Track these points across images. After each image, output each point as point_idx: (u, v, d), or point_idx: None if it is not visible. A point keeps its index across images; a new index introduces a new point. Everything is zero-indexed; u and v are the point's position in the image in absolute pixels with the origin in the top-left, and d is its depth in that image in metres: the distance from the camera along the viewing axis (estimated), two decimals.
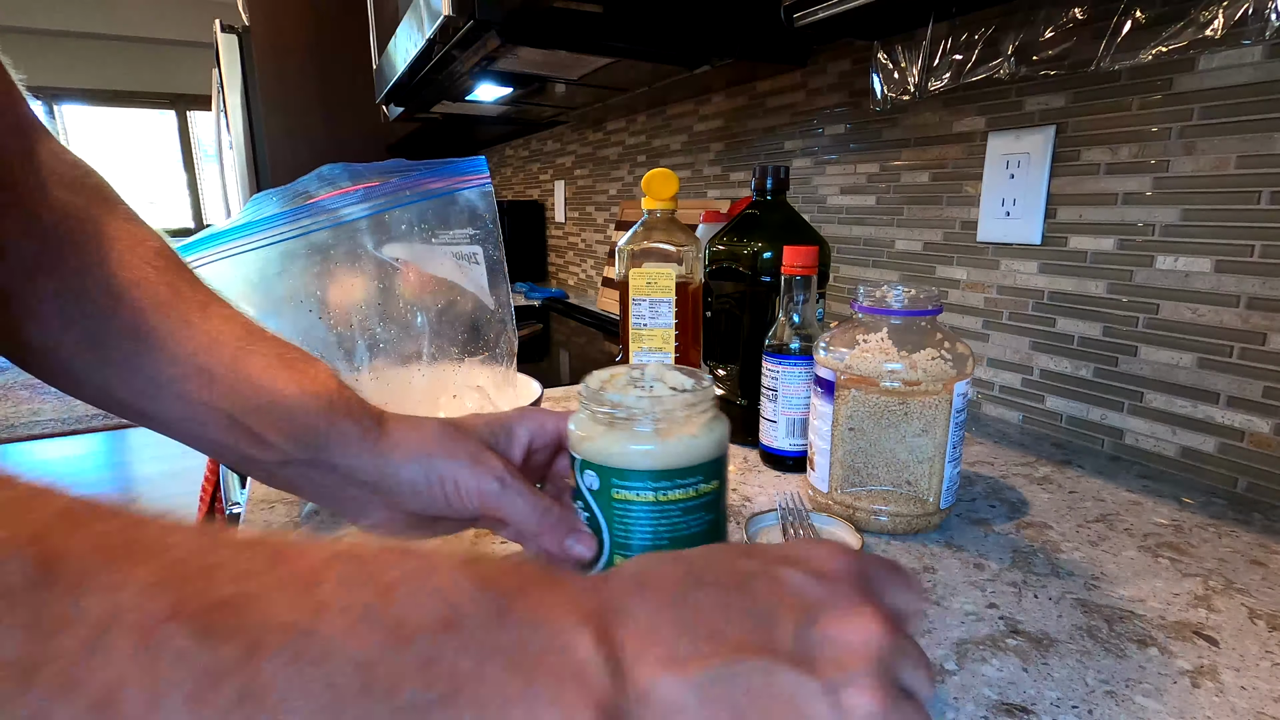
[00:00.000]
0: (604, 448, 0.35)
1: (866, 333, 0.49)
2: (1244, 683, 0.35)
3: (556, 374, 1.05)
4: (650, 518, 0.35)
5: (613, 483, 0.35)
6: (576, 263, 1.91)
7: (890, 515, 0.50)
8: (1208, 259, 0.59)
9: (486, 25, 0.81)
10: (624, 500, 0.35)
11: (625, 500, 0.35)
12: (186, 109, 5.34)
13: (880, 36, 0.79)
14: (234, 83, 2.10)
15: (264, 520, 0.53)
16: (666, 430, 0.35)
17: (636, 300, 0.74)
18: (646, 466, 0.34)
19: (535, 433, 0.40)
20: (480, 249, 0.60)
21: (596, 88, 1.20)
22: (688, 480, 0.35)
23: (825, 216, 0.99)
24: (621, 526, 0.35)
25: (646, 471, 0.34)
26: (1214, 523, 0.53)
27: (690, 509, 0.35)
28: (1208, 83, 0.57)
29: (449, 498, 0.36)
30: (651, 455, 0.34)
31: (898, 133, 0.86)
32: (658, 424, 0.34)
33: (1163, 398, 0.63)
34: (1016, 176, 0.72)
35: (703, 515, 0.35)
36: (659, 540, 0.35)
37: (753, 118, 1.12)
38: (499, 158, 2.47)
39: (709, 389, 0.37)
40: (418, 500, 0.36)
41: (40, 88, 4.68)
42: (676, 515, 0.35)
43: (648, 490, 0.34)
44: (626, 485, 0.34)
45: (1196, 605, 0.42)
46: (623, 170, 1.59)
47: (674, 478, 0.34)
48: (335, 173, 0.56)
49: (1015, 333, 0.75)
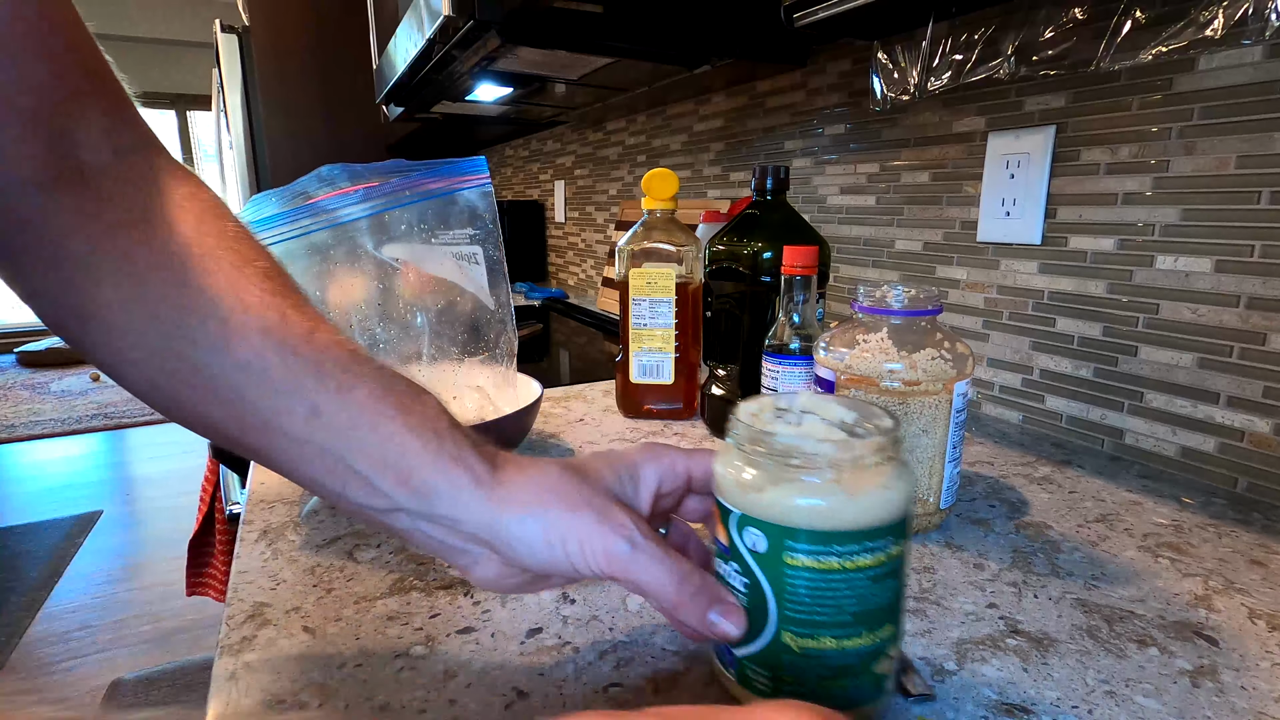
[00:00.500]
0: (776, 502, 0.29)
1: (866, 333, 0.49)
2: (1244, 683, 0.35)
3: (556, 374, 1.05)
4: (833, 588, 0.29)
5: (786, 545, 0.29)
6: (576, 263, 1.91)
7: None
8: (1208, 259, 0.59)
9: (486, 25, 0.81)
10: (800, 567, 0.29)
11: (802, 567, 0.29)
12: (186, 109, 5.34)
13: (880, 36, 0.79)
14: (234, 83, 2.10)
15: (264, 520, 0.53)
16: (854, 481, 0.29)
17: (636, 300, 0.75)
18: (832, 527, 0.28)
19: (664, 476, 0.35)
20: (480, 249, 0.60)
21: (596, 88, 1.20)
22: (878, 543, 0.29)
23: (825, 216, 0.99)
24: (794, 598, 0.29)
25: (832, 533, 0.28)
26: (1214, 523, 0.53)
27: (880, 576, 0.29)
28: (1208, 83, 0.57)
29: (572, 558, 0.31)
30: (839, 513, 0.28)
31: (898, 133, 0.86)
32: (842, 473, 0.29)
33: (1163, 398, 0.63)
34: (1016, 176, 0.72)
35: (892, 584, 0.30)
36: (841, 615, 0.29)
37: (753, 118, 1.12)
38: (499, 158, 2.47)
39: (896, 429, 0.30)
40: (535, 559, 0.31)
41: None
42: (864, 585, 0.29)
43: (832, 556, 0.28)
44: (805, 549, 0.28)
45: (1196, 605, 0.42)
46: (623, 170, 1.59)
47: (863, 540, 0.28)
48: (334, 173, 0.56)
49: (1015, 333, 0.75)
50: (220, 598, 1.16)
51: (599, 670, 0.36)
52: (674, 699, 0.34)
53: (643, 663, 0.36)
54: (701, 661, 0.36)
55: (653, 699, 0.34)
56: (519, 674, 0.35)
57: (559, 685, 0.35)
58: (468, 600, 0.42)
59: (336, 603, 0.42)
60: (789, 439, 0.29)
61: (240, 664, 0.36)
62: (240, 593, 0.43)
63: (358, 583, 0.44)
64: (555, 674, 0.36)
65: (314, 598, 0.42)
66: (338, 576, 0.45)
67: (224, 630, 0.39)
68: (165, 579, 2.10)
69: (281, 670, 0.36)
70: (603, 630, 0.39)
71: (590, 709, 0.33)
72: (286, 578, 0.45)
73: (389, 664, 0.36)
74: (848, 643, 0.29)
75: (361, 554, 0.48)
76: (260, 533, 0.51)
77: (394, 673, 0.36)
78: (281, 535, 0.51)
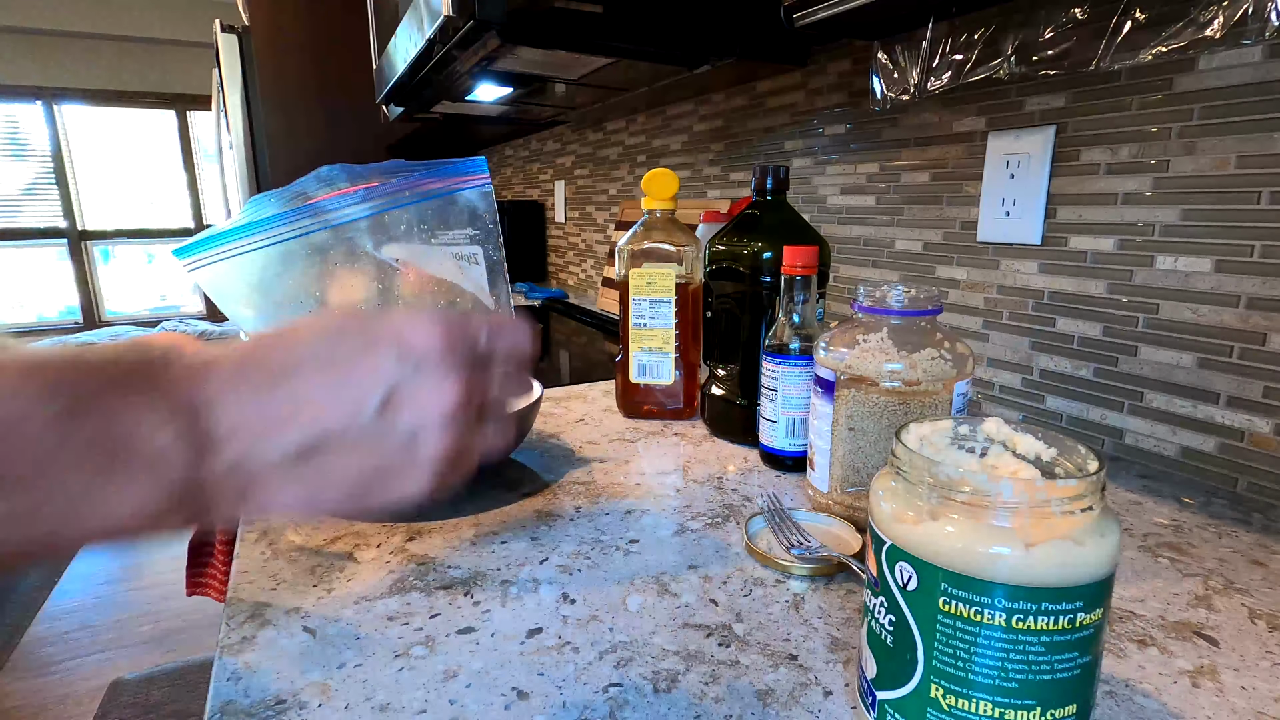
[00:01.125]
0: (935, 539, 0.26)
1: (866, 333, 0.49)
2: (1244, 683, 0.35)
3: (557, 374, 1.05)
4: (996, 648, 0.25)
5: (944, 589, 0.25)
6: (576, 263, 1.91)
7: None
8: (1208, 259, 0.59)
9: (486, 25, 0.81)
10: (957, 617, 0.25)
11: (959, 618, 0.25)
12: (186, 109, 5.33)
13: (880, 36, 0.79)
14: (234, 83, 2.10)
15: (264, 520, 0.53)
16: (1035, 529, 0.25)
17: (636, 300, 0.75)
18: (1002, 579, 0.24)
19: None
20: (480, 249, 0.60)
21: (596, 88, 1.20)
22: (1060, 606, 0.24)
23: (825, 216, 0.99)
24: (948, 651, 0.26)
25: (1000, 586, 0.24)
26: (1214, 523, 0.53)
27: (1057, 646, 0.25)
28: (1208, 83, 0.57)
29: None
30: (1011, 564, 0.24)
31: (898, 133, 0.86)
32: (1020, 518, 0.25)
33: (1163, 398, 0.63)
34: (1016, 176, 0.72)
35: (1074, 657, 0.25)
36: (1004, 680, 0.25)
37: (753, 118, 1.12)
38: (499, 158, 2.47)
39: (1100, 472, 0.26)
40: None
41: (40, 88, 4.68)
42: (1036, 651, 0.25)
43: (998, 611, 0.25)
44: (965, 598, 0.25)
45: (1196, 605, 0.42)
46: (623, 170, 1.59)
47: (1041, 600, 0.24)
48: (334, 174, 0.56)
49: (1015, 333, 0.75)
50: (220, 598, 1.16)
51: (599, 670, 0.36)
52: (674, 699, 0.34)
53: (643, 663, 0.36)
54: (702, 661, 0.36)
55: (653, 699, 0.34)
56: (519, 674, 0.35)
57: (559, 685, 0.35)
58: (468, 600, 0.42)
59: (336, 603, 0.42)
60: (959, 470, 0.26)
61: (240, 664, 0.36)
62: (240, 593, 0.43)
63: (358, 583, 0.44)
64: (555, 674, 0.36)
65: (314, 598, 0.42)
66: (338, 576, 0.45)
67: (224, 630, 0.39)
68: (165, 579, 2.10)
69: (281, 670, 0.36)
70: (603, 630, 0.39)
71: (589, 710, 0.33)
72: (286, 578, 0.45)
73: (389, 664, 0.36)
74: (1011, 715, 0.26)
75: (361, 554, 0.48)
76: (260, 533, 0.51)
77: (394, 673, 0.36)
78: (281, 535, 0.51)
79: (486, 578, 0.45)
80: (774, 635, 0.39)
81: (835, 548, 0.48)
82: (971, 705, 0.26)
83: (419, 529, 0.52)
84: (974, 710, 0.26)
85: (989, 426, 0.30)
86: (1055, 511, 0.25)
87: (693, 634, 0.39)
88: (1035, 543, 0.24)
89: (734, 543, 0.50)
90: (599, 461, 0.65)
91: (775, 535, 0.49)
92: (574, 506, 0.56)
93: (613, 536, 0.51)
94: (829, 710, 0.33)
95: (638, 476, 0.62)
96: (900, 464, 0.28)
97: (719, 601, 0.42)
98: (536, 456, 0.66)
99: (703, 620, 0.40)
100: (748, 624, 0.40)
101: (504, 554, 0.48)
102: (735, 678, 0.35)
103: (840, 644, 0.38)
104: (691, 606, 0.42)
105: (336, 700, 0.34)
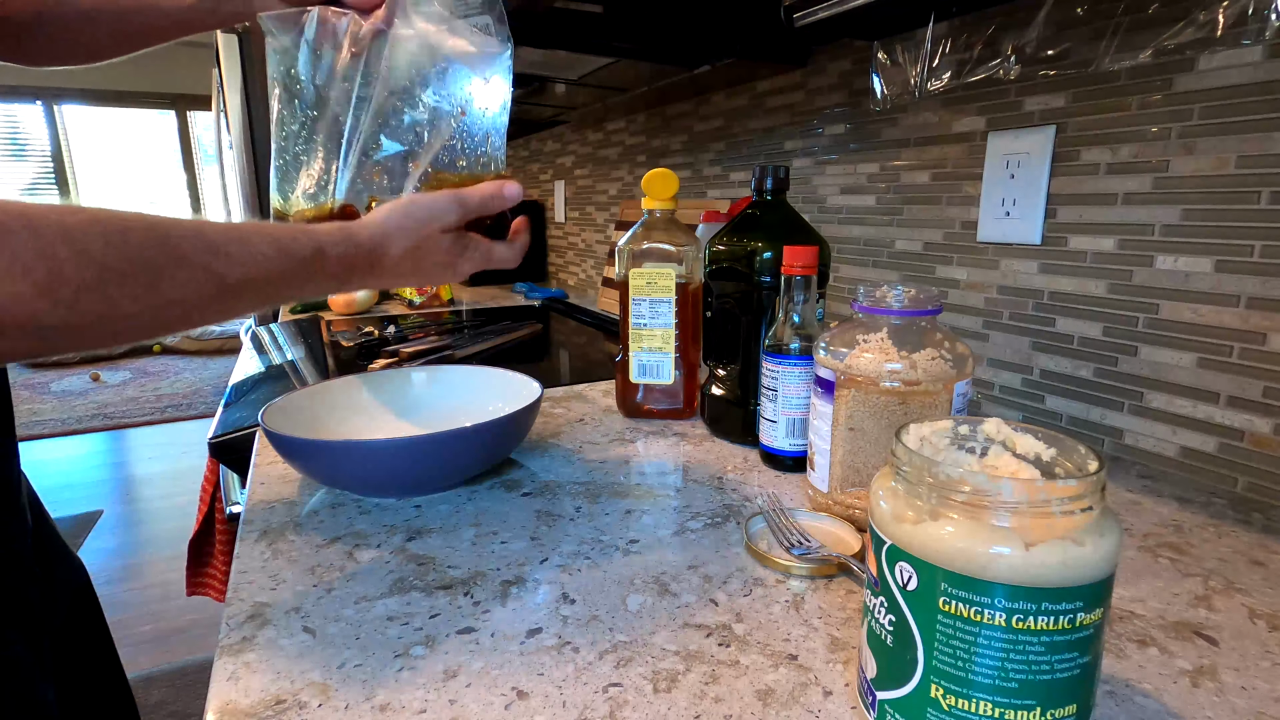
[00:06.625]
0: (934, 538, 0.26)
1: (866, 333, 0.49)
2: (1244, 683, 0.35)
3: (556, 374, 1.05)
4: (997, 648, 0.25)
5: (944, 590, 0.26)
6: (576, 263, 1.91)
7: None
8: (1208, 259, 0.59)
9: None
10: (957, 617, 0.25)
11: (959, 618, 0.25)
12: (186, 109, 5.34)
13: (880, 36, 0.79)
14: (234, 83, 2.10)
15: (264, 520, 0.53)
16: (1035, 528, 0.25)
17: (636, 300, 0.75)
18: (1003, 579, 0.24)
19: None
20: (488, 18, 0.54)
21: (596, 88, 1.20)
22: (1060, 606, 0.24)
23: (825, 216, 0.99)
24: (948, 651, 0.26)
25: (1001, 586, 0.25)
26: (1214, 523, 0.53)
27: (1058, 646, 0.25)
28: (1208, 83, 0.57)
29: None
30: (1011, 564, 0.24)
31: (898, 133, 0.86)
32: (1020, 518, 0.25)
33: (1163, 397, 0.63)
34: (1016, 176, 0.72)
35: (1074, 657, 0.25)
36: (1004, 680, 0.25)
37: (753, 118, 1.12)
38: None
39: (1100, 472, 0.26)
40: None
41: (40, 88, 4.68)
42: (1036, 651, 0.25)
43: (998, 611, 0.25)
44: (965, 598, 0.25)
45: (1196, 605, 0.42)
46: (623, 170, 1.59)
47: (1040, 600, 0.24)
48: None
49: (1015, 333, 0.75)
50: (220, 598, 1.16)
51: (599, 670, 0.36)
52: (674, 699, 0.34)
53: (643, 663, 0.36)
54: (702, 661, 0.36)
55: (653, 699, 0.34)
56: (519, 674, 0.36)
57: (559, 685, 0.35)
58: (468, 600, 0.42)
59: (336, 603, 0.42)
60: (959, 470, 0.26)
61: (240, 664, 0.36)
62: (240, 593, 0.43)
63: (358, 583, 0.44)
64: (555, 674, 0.36)
65: (314, 598, 0.43)
66: (338, 576, 0.45)
67: (224, 630, 0.39)
68: (165, 579, 2.10)
69: (281, 670, 0.36)
70: (603, 630, 0.39)
71: (589, 709, 0.33)
72: (286, 578, 0.45)
73: (389, 664, 0.36)
74: (1011, 715, 0.26)
75: (361, 554, 0.48)
76: (260, 533, 0.51)
77: (394, 673, 0.36)
78: (281, 535, 0.51)
79: (486, 578, 0.45)
80: (774, 635, 0.39)
81: (835, 548, 0.48)
82: (971, 705, 0.26)
83: (419, 529, 0.52)
84: (974, 710, 0.26)
85: (989, 426, 0.30)
86: (1055, 511, 0.25)
87: (693, 634, 0.39)
88: (1035, 543, 0.25)
89: (734, 543, 0.50)
90: (599, 461, 0.65)
91: (775, 535, 0.49)
92: (574, 506, 0.56)
93: (613, 536, 0.51)
94: (829, 710, 0.33)
95: (638, 476, 0.62)
96: (900, 464, 0.28)
97: (719, 601, 0.42)
98: (536, 456, 0.66)
99: (703, 620, 0.40)
100: (748, 624, 0.40)
101: (504, 554, 0.48)
102: (735, 678, 0.35)
103: (840, 644, 0.38)
104: (691, 606, 0.42)
105: (336, 700, 0.34)
